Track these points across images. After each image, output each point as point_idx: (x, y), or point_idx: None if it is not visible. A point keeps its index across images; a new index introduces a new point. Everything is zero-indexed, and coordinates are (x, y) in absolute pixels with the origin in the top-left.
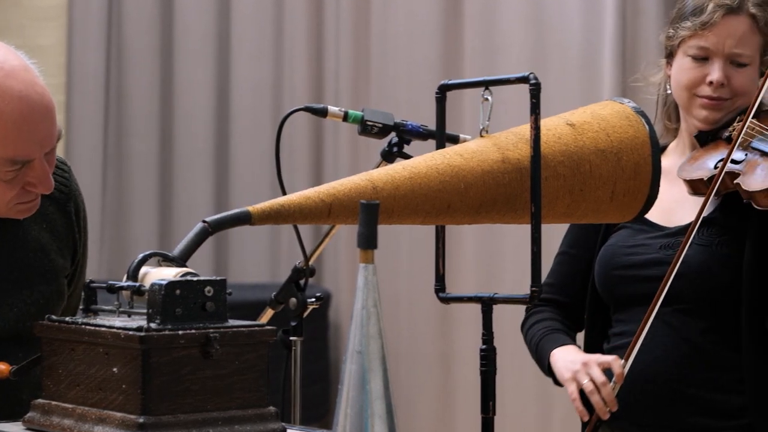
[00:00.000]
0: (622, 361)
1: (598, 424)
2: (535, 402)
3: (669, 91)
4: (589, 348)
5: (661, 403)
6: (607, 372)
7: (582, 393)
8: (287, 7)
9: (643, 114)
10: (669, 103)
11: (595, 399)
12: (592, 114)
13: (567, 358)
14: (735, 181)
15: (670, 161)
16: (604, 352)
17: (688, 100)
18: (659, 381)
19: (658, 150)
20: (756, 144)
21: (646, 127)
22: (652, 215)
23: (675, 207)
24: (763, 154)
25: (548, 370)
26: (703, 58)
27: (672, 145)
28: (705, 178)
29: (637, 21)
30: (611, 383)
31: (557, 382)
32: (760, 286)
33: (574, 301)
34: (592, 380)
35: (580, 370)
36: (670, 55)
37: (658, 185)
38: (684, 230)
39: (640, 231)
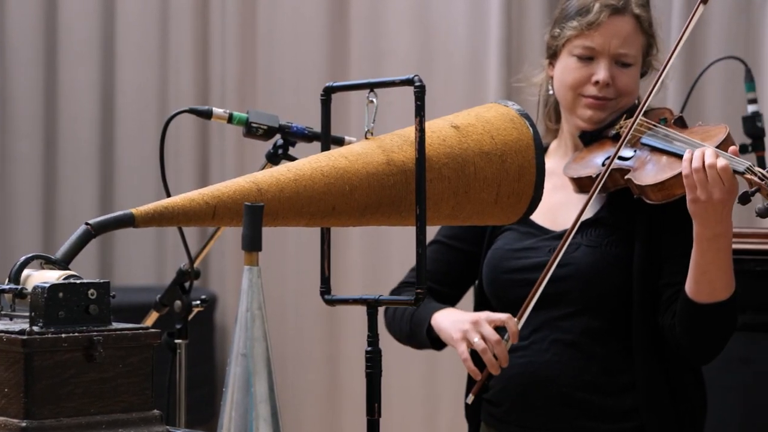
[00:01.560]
0: (516, 318)
1: (487, 382)
2: (421, 404)
3: (551, 92)
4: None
5: (551, 406)
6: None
7: (473, 353)
8: (172, 9)
9: (527, 116)
10: (550, 104)
11: (487, 357)
12: (477, 116)
13: (452, 318)
14: (626, 177)
15: (552, 162)
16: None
17: (572, 100)
18: (549, 384)
19: (542, 152)
20: (645, 140)
21: (530, 129)
22: (537, 218)
23: (560, 209)
24: (653, 149)
25: (427, 336)
26: (588, 58)
27: (553, 146)
28: (594, 176)
29: (522, 24)
30: (504, 340)
31: (438, 346)
32: (650, 286)
33: (442, 288)
34: (484, 338)
35: (469, 329)
36: (553, 56)
37: (542, 187)
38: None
39: (526, 234)
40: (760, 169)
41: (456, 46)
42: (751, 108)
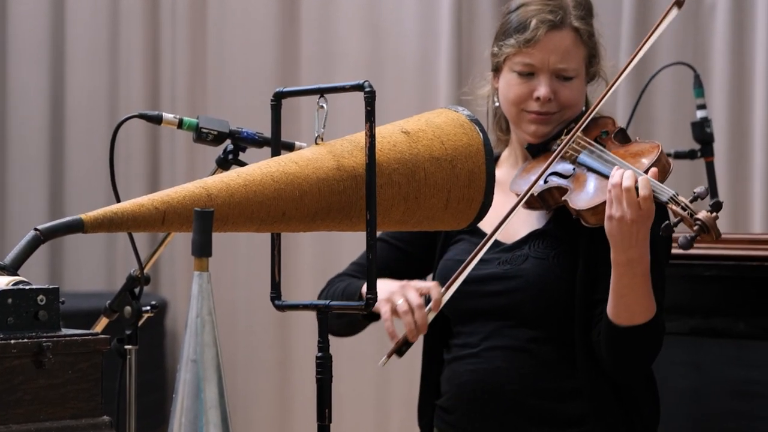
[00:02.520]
0: (442, 288)
1: (404, 347)
2: (372, 410)
3: (497, 104)
4: (428, 356)
5: (502, 413)
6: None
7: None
8: (122, 13)
9: (477, 122)
10: (499, 115)
11: (407, 319)
12: (427, 122)
13: (383, 285)
14: (563, 198)
15: (503, 172)
16: (444, 362)
17: (516, 115)
18: (500, 391)
19: (492, 158)
20: (582, 159)
21: (480, 135)
22: (489, 230)
23: (512, 221)
24: (589, 168)
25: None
26: (529, 74)
27: (504, 155)
28: (535, 193)
29: (472, 29)
30: (426, 308)
31: (368, 318)
32: (591, 299)
33: None
34: (407, 301)
35: (396, 291)
36: (496, 69)
37: (492, 193)
38: (521, 243)
39: (478, 245)
40: (684, 200)
41: (406, 51)
42: (699, 114)
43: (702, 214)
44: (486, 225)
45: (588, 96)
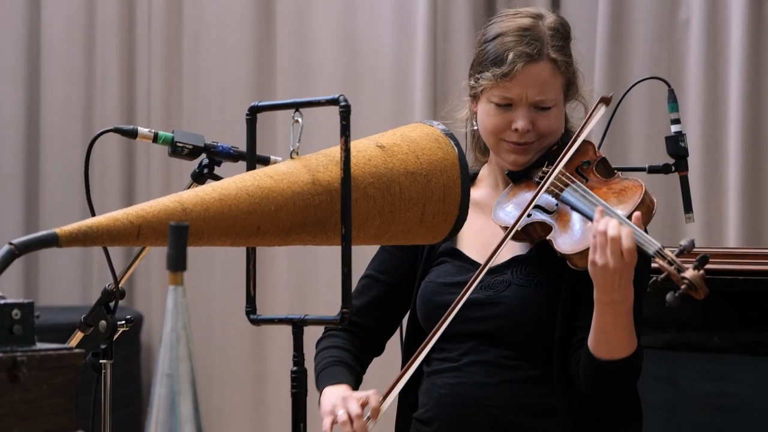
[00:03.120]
0: (380, 396)
1: None
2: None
3: (476, 127)
4: (406, 403)
5: (480, 427)
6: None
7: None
8: (98, 27)
9: (452, 136)
10: (477, 137)
11: (345, 430)
12: (402, 136)
13: (333, 393)
14: (548, 237)
15: (483, 193)
16: (423, 374)
17: (495, 144)
18: (478, 406)
19: (467, 172)
20: (565, 196)
21: (455, 149)
22: (471, 252)
23: (493, 243)
24: (573, 207)
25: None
26: (507, 105)
27: (483, 173)
28: (519, 228)
29: (447, 43)
30: (366, 417)
31: None
32: (570, 326)
33: (374, 324)
34: (347, 412)
35: (338, 404)
36: (474, 96)
37: (467, 207)
38: (503, 268)
39: (460, 268)
40: (670, 253)
41: (382, 65)
42: (674, 128)
43: (689, 273)
44: (467, 247)
45: (568, 115)
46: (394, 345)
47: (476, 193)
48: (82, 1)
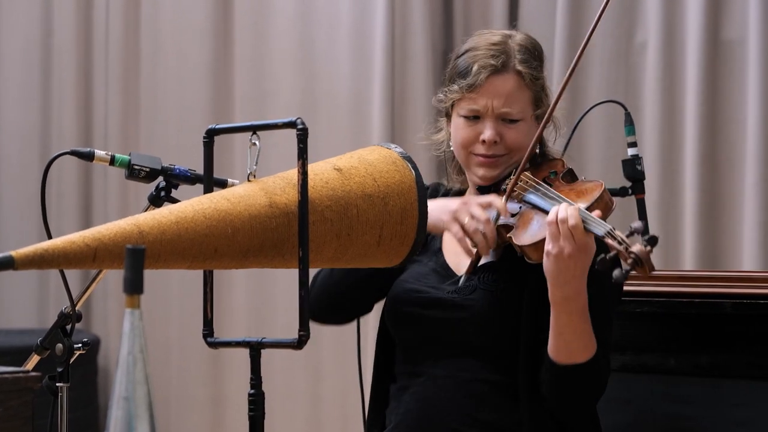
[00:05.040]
0: (503, 198)
1: (478, 260)
2: None
3: (451, 148)
4: (376, 386)
5: None
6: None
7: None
8: (55, 50)
9: (409, 159)
10: (455, 159)
11: (478, 237)
12: (360, 159)
13: (442, 202)
14: (508, 235)
15: None
16: (389, 393)
17: (465, 158)
18: (442, 422)
19: (424, 194)
20: (528, 197)
21: (413, 172)
22: (449, 257)
23: (461, 253)
24: (534, 206)
25: None
26: (475, 117)
27: (470, 191)
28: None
29: (405, 67)
30: (493, 218)
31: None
32: (536, 334)
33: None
34: (474, 218)
35: (460, 209)
36: (447, 115)
37: (425, 230)
38: (471, 275)
39: (433, 272)
40: (620, 234)
41: (339, 88)
42: (630, 151)
43: (636, 248)
44: (448, 252)
45: (545, 139)
46: (351, 358)
47: None
48: (38, 24)
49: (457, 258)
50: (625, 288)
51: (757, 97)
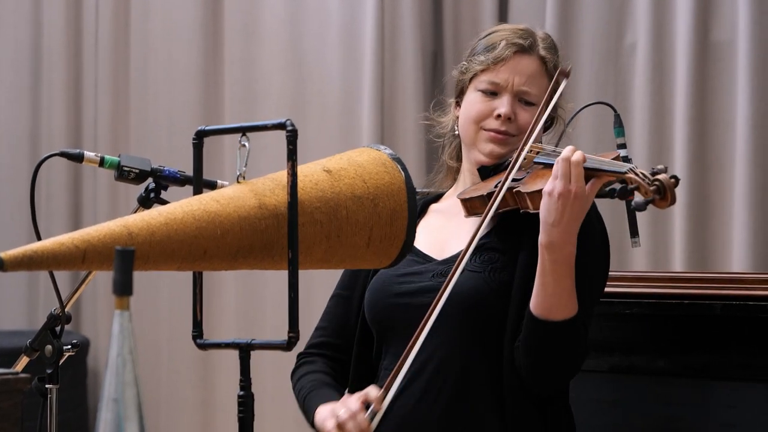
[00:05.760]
0: (380, 391)
1: None
2: None
3: (456, 132)
4: (355, 382)
5: None
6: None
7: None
8: (44, 51)
9: (399, 160)
10: (455, 144)
11: (348, 427)
12: (349, 160)
13: (328, 408)
14: (514, 191)
15: (447, 203)
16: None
17: (475, 133)
18: (425, 423)
19: (414, 196)
20: (538, 159)
21: (402, 173)
22: (424, 247)
23: (449, 238)
24: (545, 165)
25: (312, 425)
26: (492, 93)
27: (449, 192)
28: (485, 194)
29: (395, 68)
30: (368, 412)
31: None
32: (521, 315)
33: (341, 342)
34: (348, 410)
35: (337, 407)
36: (460, 93)
37: (414, 231)
38: (456, 258)
39: (412, 261)
40: (643, 171)
41: (329, 90)
42: (620, 152)
43: (662, 176)
44: (420, 242)
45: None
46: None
47: (442, 204)
48: (28, 26)
49: (432, 245)
50: (615, 290)
51: (747, 99)
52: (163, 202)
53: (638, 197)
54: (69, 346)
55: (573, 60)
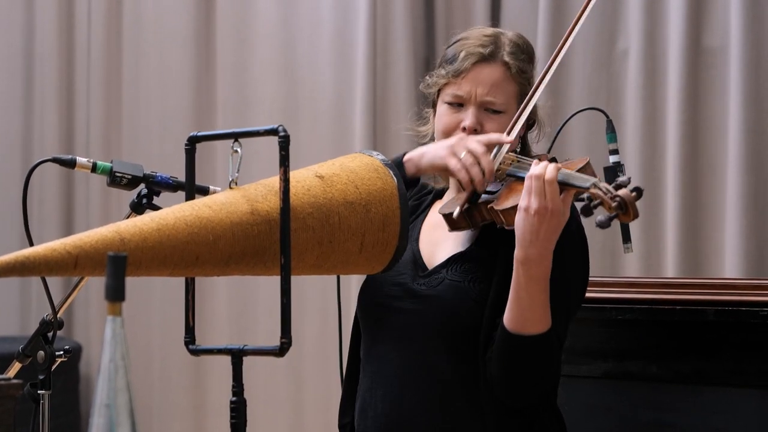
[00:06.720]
0: (506, 133)
1: (474, 197)
2: None
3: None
4: (349, 378)
5: None
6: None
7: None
8: (37, 57)
9: (391, 166)
10: None
11: (474, 171)
12: (341, 166)
13: (436, 144)
14: (489, 206)
15: (441, 205)
16: (356, 394)
17: None
18: (404, 428)
19: (406, 201)
20: (510, 170)
21: (394, 179)
22: (423, 247)
23: (438, 245)
24: (517, 178)
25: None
26: (458, 104)
27: (449, 190)
28: (453, 213)
29: (387, 74)
30: (492, 154)
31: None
32: (495, 326)
33: None
34: (471, 152)
35: (456, 144)
36: (433, 105)
37: (407, 237)
38: (440, 268)
39: (405, 263)
40: (606, 185)
41: (322, 96)
42: (612, 158)
43: (622, 192)
44: (422, 244)
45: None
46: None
47: (438, 207)
48: (20, 31)
49: (430, 247)
50: (608, 295)
51: (739, 104)
52: (156, 208)
53: (601, 214)
54: (61, 352)
55: (565, 66)
